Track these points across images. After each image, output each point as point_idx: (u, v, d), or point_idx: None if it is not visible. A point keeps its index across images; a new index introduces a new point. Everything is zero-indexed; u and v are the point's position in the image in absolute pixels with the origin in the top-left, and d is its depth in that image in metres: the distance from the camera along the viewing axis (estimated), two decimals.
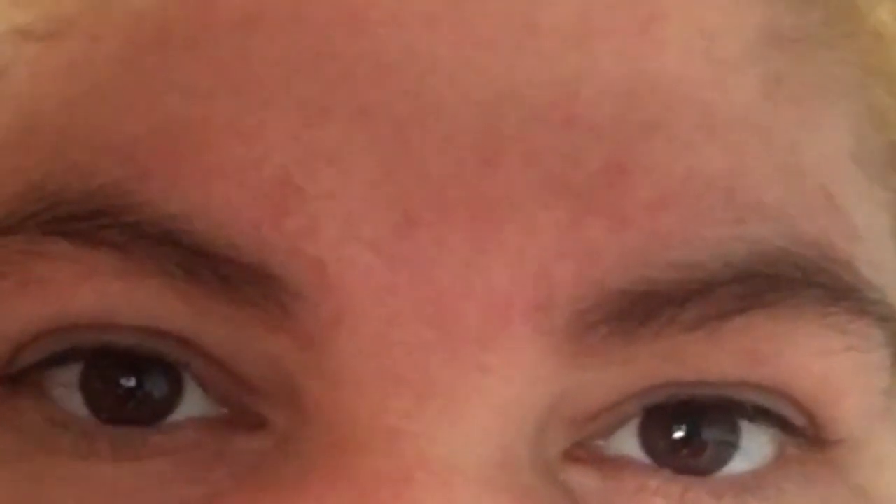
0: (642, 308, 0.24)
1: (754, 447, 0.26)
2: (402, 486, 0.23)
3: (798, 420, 0.26)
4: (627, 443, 0.25)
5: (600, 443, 0.25)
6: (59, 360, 0.25)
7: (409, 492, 0.23)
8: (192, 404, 0.25)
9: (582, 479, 0.25)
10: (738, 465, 0.26)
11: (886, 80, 0.28)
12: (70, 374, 0.25)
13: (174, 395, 0.25)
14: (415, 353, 0.23)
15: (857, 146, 0.27)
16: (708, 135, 0.24)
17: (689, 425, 0.26)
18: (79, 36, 0.25)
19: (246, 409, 0.25)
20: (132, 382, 0.25)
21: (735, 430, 0.26)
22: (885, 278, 0.27)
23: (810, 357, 0.25)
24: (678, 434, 0.26)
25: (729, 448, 0.26)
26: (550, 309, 0.23)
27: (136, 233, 0.23)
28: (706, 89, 0.25)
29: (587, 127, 0.24)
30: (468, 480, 0.23)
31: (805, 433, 0.26)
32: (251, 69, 0.23)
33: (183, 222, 0.23)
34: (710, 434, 0.26)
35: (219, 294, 0.23)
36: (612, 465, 0.25)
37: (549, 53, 0.24)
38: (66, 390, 0.25)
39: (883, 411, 0.27)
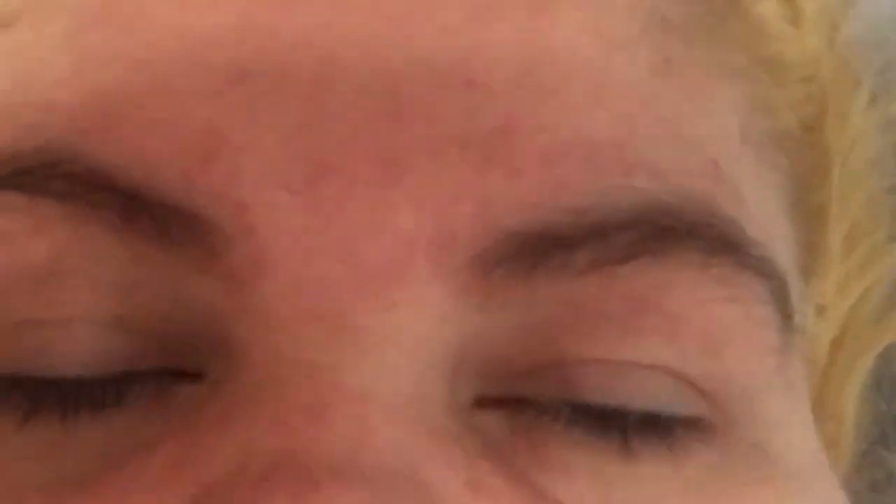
0: (537, 249, 0.26)
1: None
2: (318, 415, 0.24)
3: (689, 407, 0.27)
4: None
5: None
6: None
7: (324, 419, 0.24)
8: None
9: (491, 422, 0.26)
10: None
11: (769, 69, 0.31)
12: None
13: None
14: (328, 290, 0.25)
15: (743, 128, 0.30)
16: (598, 103, 0.27)
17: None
18: (25, 25, 0.28)
19: (185, 365, 0.26)
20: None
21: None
22: (773, 247, 0.29)
23: (693, 305, 0.27)
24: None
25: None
26: (451, 247, 0.25)
27: (78, 181, 0.25)
28: (596, 63, 0.27)
29: (484, 89, 0.26)
30: (382, 409, 0.25)
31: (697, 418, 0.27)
32: (182, 41, 0.26)
33: (120, 170, 0.25)
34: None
35: (153, 237, 0.26)
36: (521, 412, 0.27)
37: (451, 26, 0.27)
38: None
39: (775, 372, 0.29)
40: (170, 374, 0.26)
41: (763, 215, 0.29)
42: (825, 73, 0.33)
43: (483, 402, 0.27)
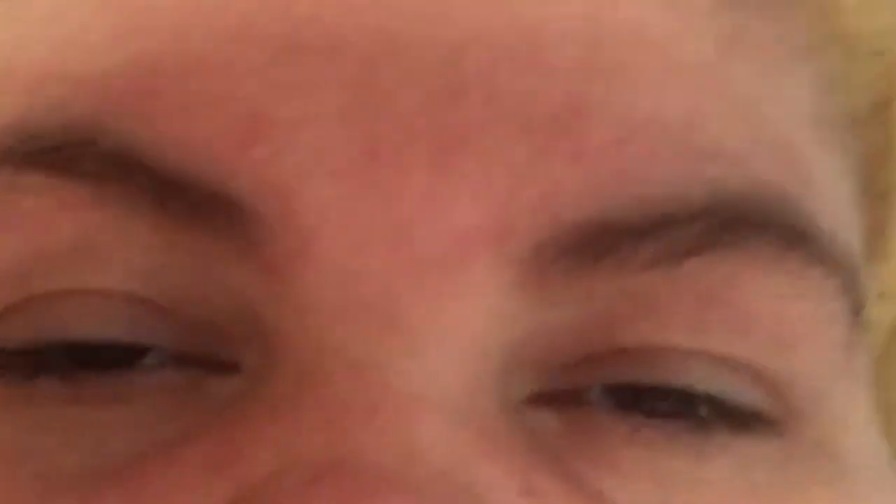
0: (600, 241, 0.24)
1: None
2: (368, 418, 0.23)
3: (757, 402, 0.26)
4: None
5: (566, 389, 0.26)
6: None
7: (374, 423, 0.23)
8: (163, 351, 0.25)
9: (546, 419, 0.25)
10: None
11: (843, 46, 0.29)
12: None
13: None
14: (377, 282, 0.23)
15: (815, 110, 0.28)
16: (667, 80, 0.25)
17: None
18: None
19: (219, 355, 0.25)
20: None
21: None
22: (844, 235, 0.28)
23: (764, 300, 0.26)
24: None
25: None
26: (511, 238, 0.24)
27: (109, 161, 0.24)
28: (666, 38, 0.25)
29: (549, 69, 0.24)
30: (433, 412, 0.23)
31: (765, 416, 0.26)
32: (223, 9, 0.24)
33: (154, 151, 0.24)
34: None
35: (187, 223, 0.24)
36: (576, 407, 0.25)
37: (514, 2, 0.25)
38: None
39: (842, 368, 0.28)
40: (202, 362, 0.25)
41: (834, 202, 0.28)
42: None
43: (537, 399, 0.25)
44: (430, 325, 0.24)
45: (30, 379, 0.25)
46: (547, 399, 0.25)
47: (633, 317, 0.25)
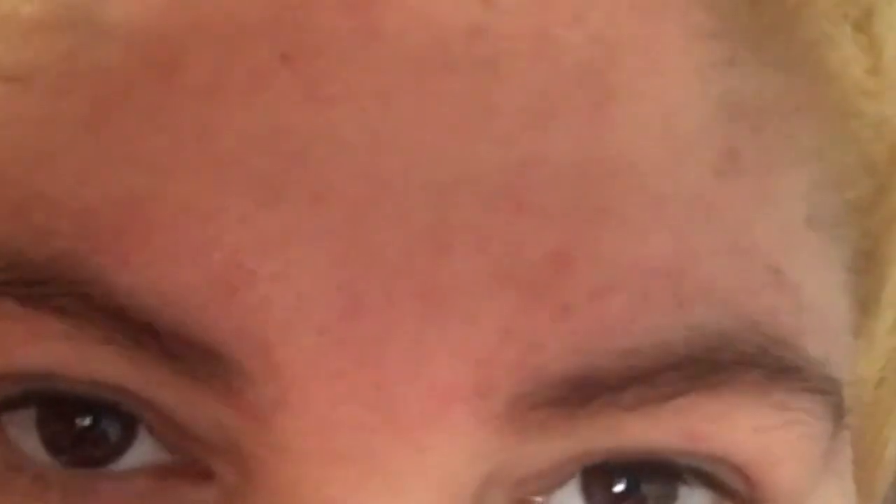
0: (582, 392, 0.24)
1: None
2: None
3: (735, 484, 0.27)
4: (568, 499, 0.26)
5: (539, 500, 0.26)
6: (13, 403, 0.25)
7: None
8: (146, 446, 0.26)
9: None
10: None
11: (850, 138, 0.28)
12: (26, 416, 0.26)
13: (129, 435, 0.26)
14: (358, 435, 0.24)
15: (811, 210, 0.27)
16: (657, 219, 0.25)
17: (629, 479, 0.26)
18: (44, 86, 0.25)
19: (194, 460, 0.25)
20: (87, 422, 0.25)
21: (674, 483, 0.27)
22: (830, 345, 0.27)
23: (749, 434, 0.26)
24: (618, 488, 0.26)
25: (669, 501, 0.27)
26: (491, 396, 0.24)
27: (87, 303, 0.24)
28: (660, 170, 0.25)
29: (537, 213, 0.24)
30: None
31: (742, 495, 0.27)
32: (207, 145, 0.23)
33: (133, 298, 0.23)
34: (649, 489, 0.26)
35: (167, 367, 0.24)
36: None
37: (504, 135, 0.24)
38: (23, 430, 0.26)
39: (822, 469, 0.28)
40: (176, 468, 0.25)
41: (824, 309, 0.27)
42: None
43: None
44: (405, 472, 0.24)
45: (2, 475, 0.25)
46: None
47: (612, 443, 0.26)
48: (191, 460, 0.25)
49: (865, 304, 0.31)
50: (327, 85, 0.24)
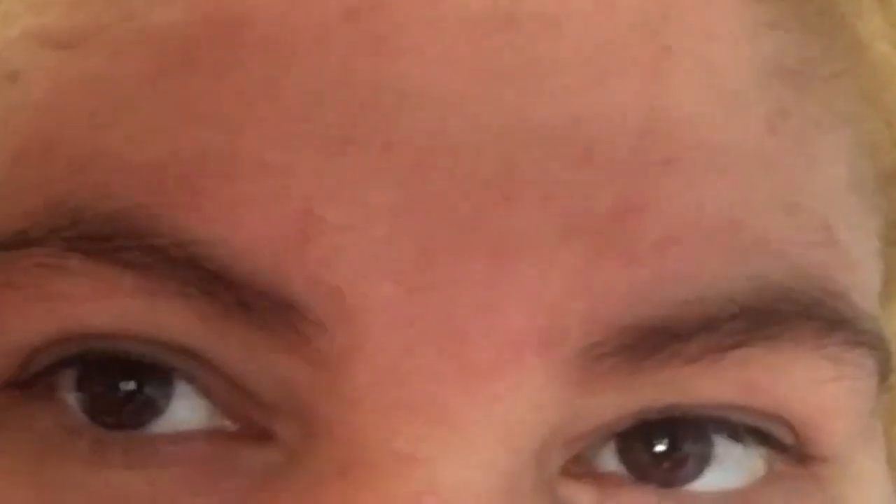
0: (649, 342, 0.24)
1: (746, 463, 0.27)
2: None
3: (788, 439, 0.27)
4: (608, 458, 0.26)
5: (589, 456, 0.26)
6: (65, 363, 0.25)
7: None
8: (188, 412, 0.25)
9: (579, 494, 0.26)
10: (728, 479, 0.27)
11: (880, 109, 0.29)
12: (68, 378, 0.25)
13: (167, 401, 0.25)
14: (428, 384, 0.24)
15: (851, 175, 0.28)
16: (717, 171, 0.25)
17: (669, 438, 0.27)
18: (102, 48, 0.25)
19: (253, 422, 0.25)
20: (131, 386, 0.25)
21: (709, 440, 0.27)
22: (874, 306, 0.28)
23: (805, 386, 0.26)
24: (660, 448, 0.26)
25: (706, 458, 0.27)
26: (561, 344, 0.24)
27: (158, 256, 0.23)
28: (716, 124, 0.25)
29: (602, 164, 0.24)
30: (474, 501, 0.24)
31: (793, 451, 0.27)
32: (276, 100, 0.24)
33: (206, 248, 0.23)
34: (690, 447, 0.27)
35: (237, 317, 0.24)
36: (605, 481, 0.26)
37: (567, 90, 0.24)
38: (65, 393, 0.25)
39: (866, 430, 0.28)
40: (233, 431, 0.25)
41: (868, 270, 0.28)
42: None
43: (569, 471, 0.26)
44: (475, 424, 0.24)
45: (62, 438, 0.25)
46: (577, 469, 0.26)
47: (670, 398, 0.26)
48: (249, 423, 0.25)
49: (890, 278, 0.32)
50: (391, 38, 0.24)
